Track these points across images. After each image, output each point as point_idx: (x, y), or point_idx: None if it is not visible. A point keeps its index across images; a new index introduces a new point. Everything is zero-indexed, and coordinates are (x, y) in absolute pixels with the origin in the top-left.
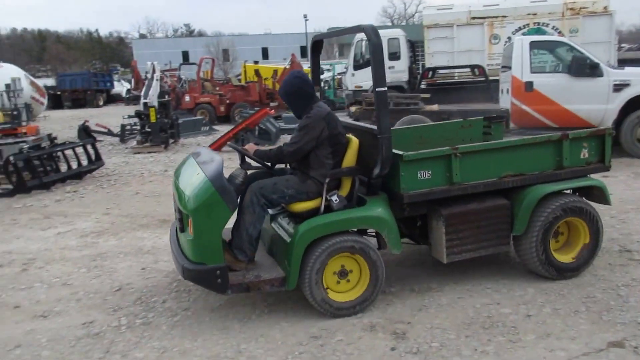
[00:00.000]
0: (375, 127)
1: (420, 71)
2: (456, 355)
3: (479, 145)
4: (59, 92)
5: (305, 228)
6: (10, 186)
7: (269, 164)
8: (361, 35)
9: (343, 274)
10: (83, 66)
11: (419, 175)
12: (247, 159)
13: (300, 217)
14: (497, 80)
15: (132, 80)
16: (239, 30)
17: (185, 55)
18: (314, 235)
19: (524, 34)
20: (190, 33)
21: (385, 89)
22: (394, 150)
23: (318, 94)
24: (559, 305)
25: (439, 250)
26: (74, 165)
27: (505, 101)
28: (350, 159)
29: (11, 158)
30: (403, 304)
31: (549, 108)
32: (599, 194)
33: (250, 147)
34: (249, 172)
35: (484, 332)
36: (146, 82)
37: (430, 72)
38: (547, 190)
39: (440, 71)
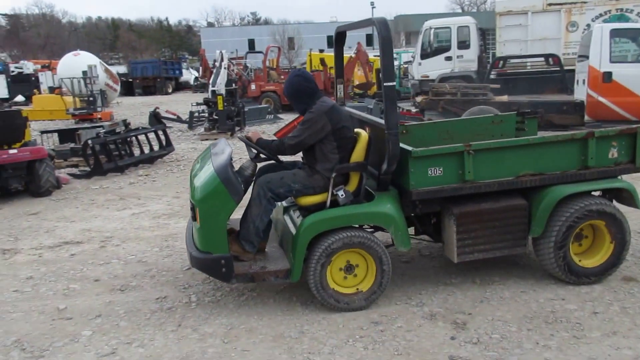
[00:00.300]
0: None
1: (491, 60)
2: (517, 347)
3: (494, 143)
4: (130, 80)
5: (309, 221)
6: (87, 168)
7: (271, 154)
8: (430, 23)
9: (349, 269)
10: (153, 54)
11: (429, 171)
12: (254, 150)
13: (307, 211)
14: (573, 71)
15: (200, 68)
16: (305, 18)
17: (252, 44)
18: (318, 229)
19: (604, 21)
20: (256, 21)
21: (394, 83)
22: (404, 146)
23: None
24: (627, 304)
25: (450, 249)
26: (146, 150)
27: (581, 92)
28: (358, 153)
29: (90, 142)
30: (464, 295)
31: (628, 100)
32: (628, 197)
33: (254, 134)
34: (259, 164)
35: (546, 326)
36: (214, 70)
37: (501, 62)
38: (567, 191)
39: (512, 60)
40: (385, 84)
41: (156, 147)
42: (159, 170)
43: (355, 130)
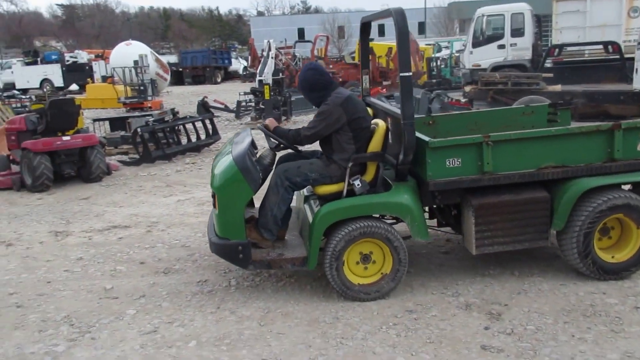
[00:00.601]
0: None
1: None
2: (551, 339)
3: (514, 134)
4: (180, 69)
5: (326, 210)
6: (137, 156)
7: (287, 144)
8: (483, 10)
9: (366, 259)
10: (203, 43)
11: (447, 162)
12: (273, 140)
13: (325, 200)
14: (634, 59)
15: (249, 58)
16: (356, 6)
17: (301, 33)
18: (334, 217)
19: None
20: (306, 10)
21: (410, 74)
22: (421, 137)
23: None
24: None
25: (469, 241)
26: (193, 138)
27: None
28: (376, 144)
29: (139, 130)
30: (502, 287)
31: None
32: None
33: (272, 122)
34: (278, 153)
35: (584, 319)
36: (262, 59)
37: (557, 50)
38: (590, 184)
39: (569, 48)
40: (401, 74)
41: (203, 136)
42: (205, 159)
43: (374, 120)
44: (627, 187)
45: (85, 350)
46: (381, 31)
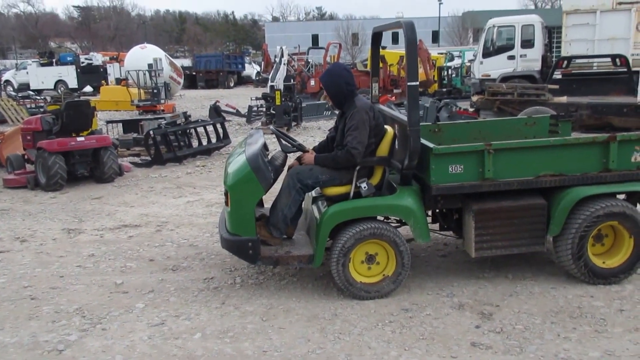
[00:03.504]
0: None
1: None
2: (538, 338)
3: (514, 143)
4: (194, 73)
5: (333, 210)
6: (148, 158)
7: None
8: (493, 21)
9: (371, 259)
10: (218, 48)
11: (450, 168)
12: (284, 141)
13: (332, 201)
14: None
15: (262, 63)
16: (371, 13)
17: (315, 39)
18: (340, 217)
19: None
20: (321, 16)
21: (417, 83)
22: (426, 143)
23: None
24: None
25: (468, 244)
26: (204, 141)
27: None
28: (383, 148)
29: (151, 132)
30: (495, 289)
31: None
32: None
33: (309, 156)
34: (289, 155)
35: (570, 320)
36: (274, 65)
37: (565, 62)
38: (586, 192)
39: (577, 61)
40: (408, 83)
41: (214, 140)
42: (215, 162)
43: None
44: (621, 196)
45: (96, 340)
46: (395, 39)
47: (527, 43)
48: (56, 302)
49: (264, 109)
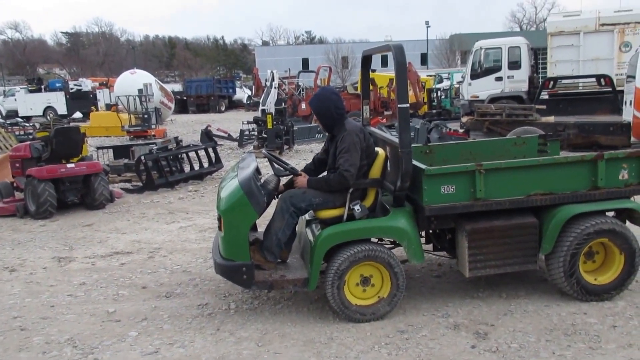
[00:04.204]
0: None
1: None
2: (533, 356)
3: (504, 163)
4: (185, 98)
5: (327, 233)
6: (140, 183)
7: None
8: (480, 44)
9: (366, 281)
10: (208, 72)
11: (442, 189)
12: (276, 165)
13: (326, 224)
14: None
15: (253, 87)
16: (360, 37)
17: (305, 63)
18: (334, 240)
19: None
20: (311, 40)
21: (407, 105)
22: (418, 164)
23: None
24: None
25: (462, 264)
26: (196, 166)
27: (629, 113)
28: (375, 171)
29: (143, 158)
30: (489, 308)
31: None
32: (638, 217)
33: (302, 179)
34: (282, 178)
35: (565, 338)
36: (265, 89)
37: (552, 82)
38: (576, 210)
39: (563, 81)
40: (399, 105)
41: (206, 164)
42: (207, 186)
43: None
44: (610, 214)
45: None
46: (384, 62)
47: (514, 64)
48: (47, 333)
49: (256, 133)
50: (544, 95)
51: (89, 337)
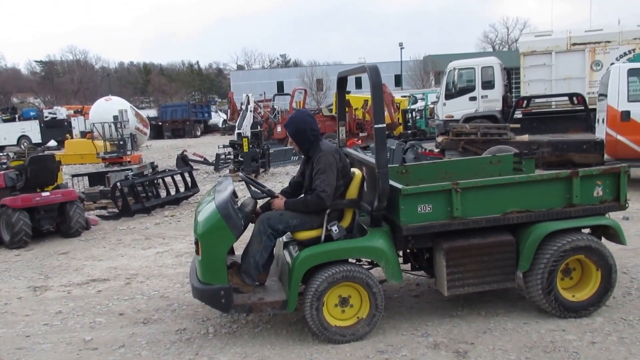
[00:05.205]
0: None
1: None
2: None
3: (480, 181)
4: (160, 123)
5: (304, 254)
6: (116, 210)
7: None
8: (454, 64)
9: (344, 302)
10: (183, 97)
11: (419, 208)
12: (253, 188)
13: (304, 245)
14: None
15: (229, 111)
16: (334, 59)
17: (280, 86)
18: (312, 262)
19: (629, 59)
20: (285, 63)
21: (384, 125)
22: (394, 184)
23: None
24: (626, 334)
25: (440, 283)
26: (172, 191)
27: (601, 131)
28: (352, 191)
29: (118, 184)
30: (469, 326)
31: None
32: (614, 234)
33: (279, 202)
34: (259, 201)
35: (544, 355)
36: (241, 113)
37: (525, 101)
38: (552, 227)
39: (536, 100)
40: (375, 125)
41: (182, 189)
42: (183, 211)
43: (351, 169)
44: (586, 230)
45: None
46: (358, 84)
47: (488, 84)
48: None
49: (232, 157)
50: (518, 114)
51: None
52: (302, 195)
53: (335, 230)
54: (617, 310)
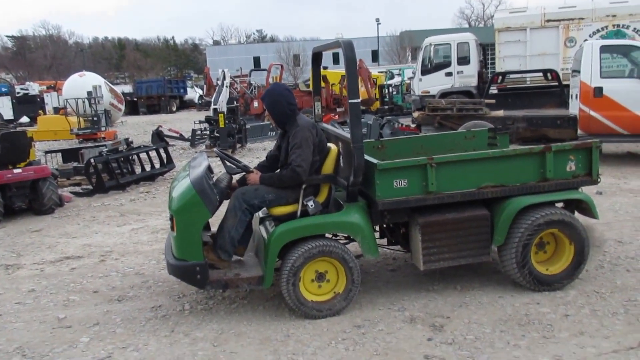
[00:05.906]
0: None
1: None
2: (489, 347)
3: (455, 156)
4: (135, 99)
5: (280, 230)
6: (90, 187)
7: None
8: (430, 40)
9: (321, 277)
10: (159, 73)
11: (394, 183)
12: (228, 163)
13: (280, 221)
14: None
15: (205, 87)
16: (312, 35)
17: (257, 61)
18: (288, 237)
19: (602, 36)
20: (262, 39)
21: (358, 100)
22: (370, 159)
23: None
24: (598, 307)
25: (416, 257)
26: (148, 167)
27: (575, 107)
28: (328, 166)
29: (92, 160)
30: (444, 301)
31: (619, 114)
32: (586, 208)
33: (254, 176)
34: (234, 176)
35: (519, 328)
36: (217, 88)
37: (500, 77)
38: (526, 202)
39: (511, 76)
40: (350, 100)
41: (157, 165)
42: (159, 187)
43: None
44: (559, 205)
45: None
46: (336, 59)
47: (463, 60)
48: None
49: (208, 132)
50: (493, 90)
51: (39, 344)
52: (278, 169)
53: (312, 205)
54: (589, 283)
